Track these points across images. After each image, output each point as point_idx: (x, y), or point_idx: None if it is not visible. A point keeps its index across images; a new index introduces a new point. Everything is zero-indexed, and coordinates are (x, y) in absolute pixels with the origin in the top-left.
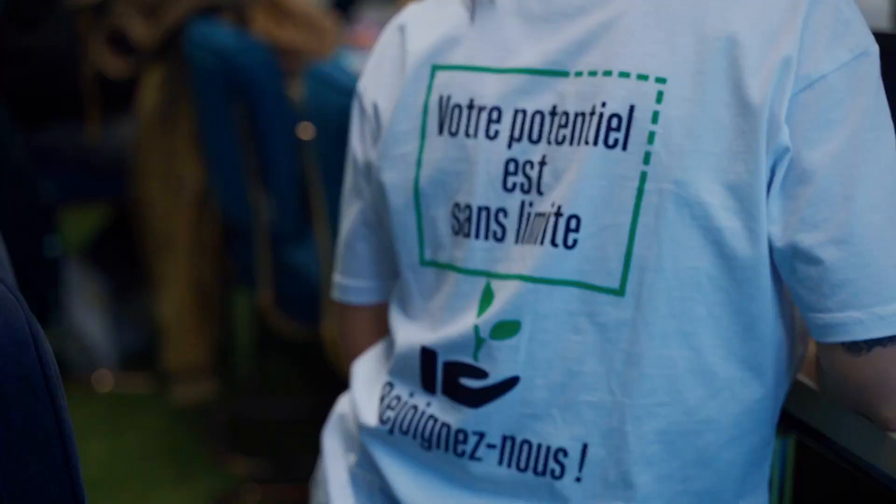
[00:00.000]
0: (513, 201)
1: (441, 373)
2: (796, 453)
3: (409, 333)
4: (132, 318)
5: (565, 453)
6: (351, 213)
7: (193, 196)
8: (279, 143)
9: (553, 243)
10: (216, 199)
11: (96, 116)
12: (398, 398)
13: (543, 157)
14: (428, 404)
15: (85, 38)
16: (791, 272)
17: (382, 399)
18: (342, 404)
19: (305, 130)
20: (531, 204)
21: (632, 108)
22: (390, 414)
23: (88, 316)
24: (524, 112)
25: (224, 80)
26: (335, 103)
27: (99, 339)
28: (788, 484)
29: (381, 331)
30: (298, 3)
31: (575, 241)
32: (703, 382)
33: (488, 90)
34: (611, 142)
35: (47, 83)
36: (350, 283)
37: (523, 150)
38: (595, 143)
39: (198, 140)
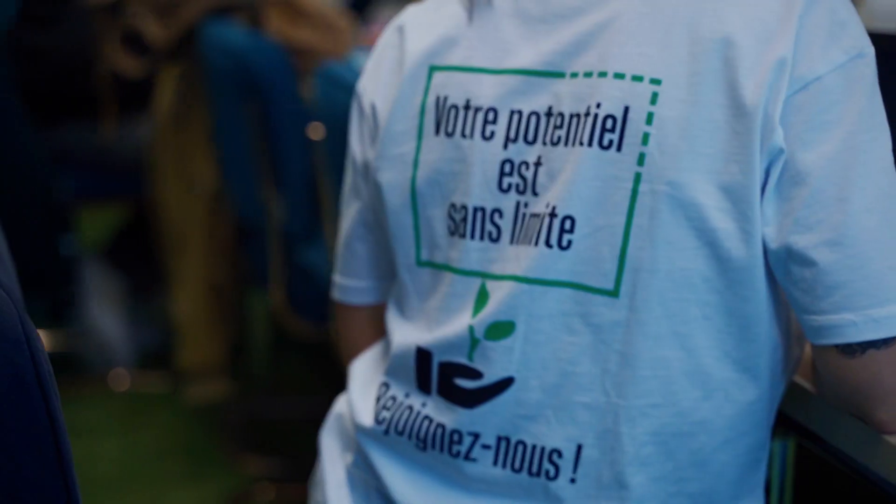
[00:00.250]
0: (508, 202)
1: (436, 373)
2: (797, 455)
3: (405, 334)
4: (149, 318)
5: (560, 454)
6: (350, 214)
7: (207, 196)
8: (291, 143)
9: (547, 244)
10: (230, 199)
11: (112, 116)
12: (394, 398)
13: (539, 157)
14: (423, 405)
15: (100, 37)
16: (785, 274)
17: (378, 399)
18: (340, 404)
19: (316, 131)
20: (526, 205)
21: (626, 109)
22: (386, 414)
23: (105, 315)
24: (520, 113)
25: (237, 80)
26: (346, 104)
27: (116, 339)
28: (788, 486)
29: (380, 331)
30: (313, 4)
31: (569, 242)
32: (697, 384)
33: (485, 91)
34: (605, 143)
35: (64, 83)
36: (349, 283)
37: (519, 151)
38: (590, 143)
39: (212, 140)
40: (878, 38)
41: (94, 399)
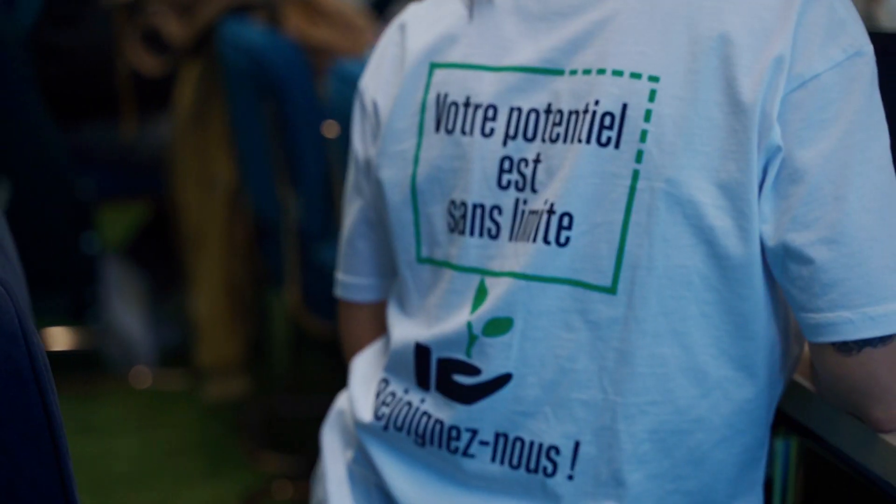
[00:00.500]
0: (507, 199)
1: (435, 369)
2: (805, 455)
3: (405, 330)
4: (171, 316)
5: (557, 451)
6: (352, 211)
7: (226, 194)
8: (307, 141)
9: (545, 241)
10: (248, 197)
11: (131, 115)
12: (393, 394)
13: (538, 154)
14: (422, 401)
15: (119, 36)
16: (783, 272)
17: (378, 395)
18: (341, 400)
19: (330, 129)
20: (525, 201)
21: (624, 107)
22: (385, 410)
23: (127, 313)
24: (519, 110)
25: (254, 78)
26: None
27: (137, 337)
28: (791, 486)
29: (382, 328)
30: (332, 2)
31: (567, 239)
32: (694, 381)
33: (485, 88)
34: (603, 140)
35: (84, 81)
36: (351, 280)
37: (518, 148)
38: (588, 141)
39: (230, 138)
40: (878, 37)
41: (116, 396)
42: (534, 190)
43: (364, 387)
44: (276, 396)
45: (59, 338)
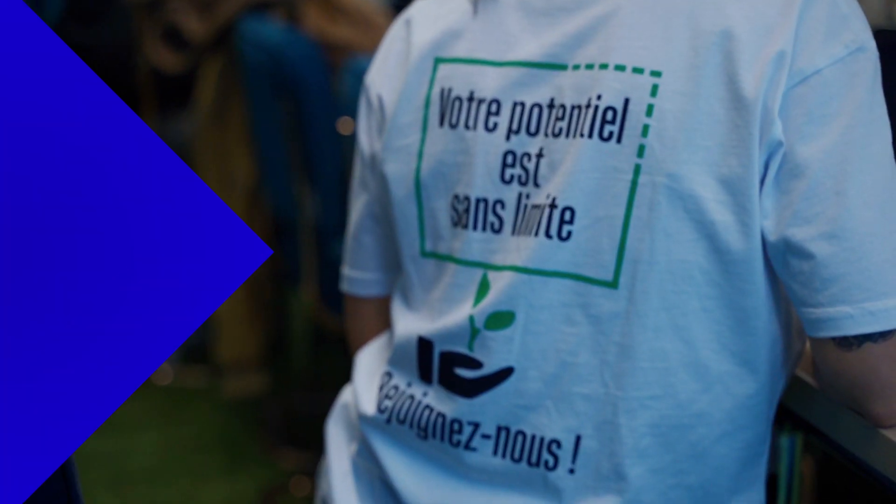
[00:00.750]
0: (510, 193)
1: (437, 363)
2: (812, 451)
3: (409, 324)
4: None
5: (559, 445)
6: (358, 206)
7: (245, 192)
8: (324, 138)
9: (547, 235)
10: (267, 194)
11: (151, 111)
12: (396, 388)
13: (541, 149)
14: (424, 394)
15: (139, 33)
16: (784, 266)
17: (381, 388)
18: (346, 394)
19: (345, 125)
20: (528, 196)
21: (626, 101)
22: (388, 403)
23: None
24: (523, 105)
25: (271, 75)
26: None
27: None
28: (796, 482)
29: (387, 323)
30: (352, 0)
31: (569, 233)
32: (695, 376)
33: (488, 83)
34: (605, 134)
35: (106, 78)
36: (357, 275)
37: (521, 143)
38: (590, 135)
39: (249, 136)
40: (882, 34)
41: (136, 393)
42: (536, 184)
43: (368, 380)
44: (294, 393)
45: None
